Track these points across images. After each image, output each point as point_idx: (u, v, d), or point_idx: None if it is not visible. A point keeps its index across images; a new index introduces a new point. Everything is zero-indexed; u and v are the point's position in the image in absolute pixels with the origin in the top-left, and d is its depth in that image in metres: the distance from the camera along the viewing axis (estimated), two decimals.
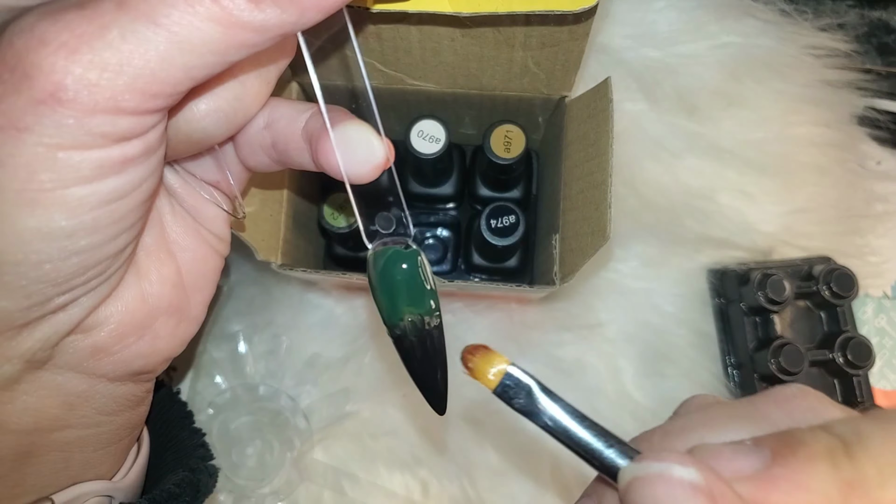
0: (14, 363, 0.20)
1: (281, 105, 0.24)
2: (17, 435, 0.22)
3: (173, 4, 0.17)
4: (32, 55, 0.16)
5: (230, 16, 0.17)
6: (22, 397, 0.22)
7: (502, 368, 0.21)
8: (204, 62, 0.18)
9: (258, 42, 0.18)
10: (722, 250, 0.48)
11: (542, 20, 0.30)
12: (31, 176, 0.17)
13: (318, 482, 0.43)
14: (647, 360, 0.46)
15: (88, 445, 0.25)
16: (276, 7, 0.18)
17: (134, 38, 0.17)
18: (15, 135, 0.17)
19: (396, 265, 0.24)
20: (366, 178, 0.23)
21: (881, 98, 0.50)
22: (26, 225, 0.18)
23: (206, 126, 0.22)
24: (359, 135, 0.22)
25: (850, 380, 0.45)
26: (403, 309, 0.24)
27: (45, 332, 0.20)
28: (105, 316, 0.22)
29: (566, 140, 0.36)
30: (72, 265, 0.19)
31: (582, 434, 0.20)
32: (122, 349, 0.23)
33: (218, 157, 0.25)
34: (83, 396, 0.23)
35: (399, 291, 0.24)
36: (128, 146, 0.18)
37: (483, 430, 0.44)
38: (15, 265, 0.18)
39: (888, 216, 0.50)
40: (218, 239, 0.26)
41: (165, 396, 0.34)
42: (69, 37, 0.16)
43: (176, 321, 0.25)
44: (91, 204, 0.18)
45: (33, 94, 0.16)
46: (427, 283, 0.24)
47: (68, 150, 0.17)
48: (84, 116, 0.17)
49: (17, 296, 0.19)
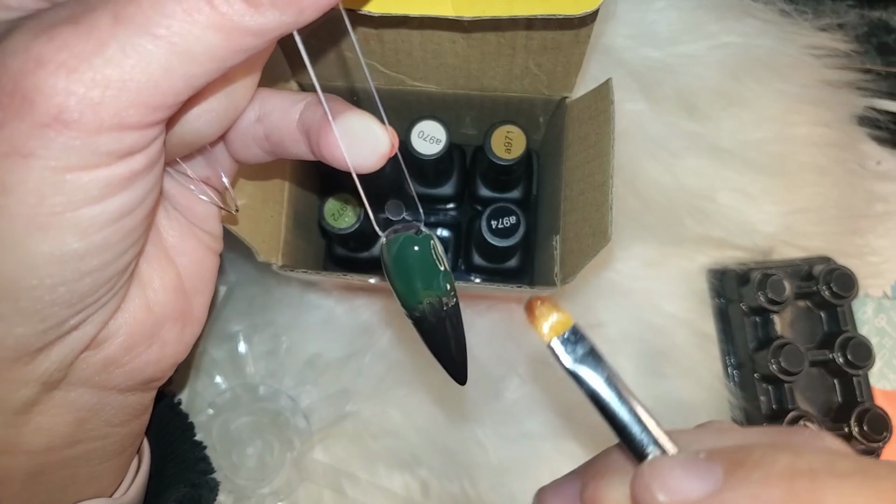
0: (31, 387, 0.20)
1: (272, 97, 0.24)
2: (30, 455, 0.22)
3: (171, 15, 0.16)
4: (31, 78, 0.16)
5: (230, 22, 0.17)
6: (36, 418, 0.21)
7: (565, 322, 0.21)
8: (204, 70, 0.17)
9: (257, 45, 0.18)
10: (722, 250, 0.48)
11: (544, 24, 0.30)
12: (40, 201, 0.17)
13: (319, 482, 0.43)
14: (647, 360, 0.46)
15: (94, 458, 0.25)
16: (275, 9, 0.17)
17: (134, 53, 0.16)
18: (20, 161, 0.16)
19: (410, 250, 0.25)
20: (372, 167, 0.23)
21: (881, 98, 0.50)
22: (39, 250, 0.17)
23: (199, 127, 0.21)
24: (362, 124, 0.22)
25: (850, 380, 0.45)
26: (421, 292, 0.25)
27: (60, 353, 0.20)
28: (114, 329, 0.22)
29: (567, 141, 0.36)
30: (85, 285, 0.19)
31: (622, 408, 0.21)
32: (132, 359, 0.23)
33: (207, 154, 0.25)
34: (94, 410, 0.23)
35: (415, 275, 0.25)
36: (132, 161, 0.18)
37: (483, 429, 0.44)
38: (30, 290, 0.18)
39: (888, 216, 0.50)
40: (212, 237, 0.26)
41: (166, 408, 0.34)
42: (67, 55, 0.16)
43: (181, 325, 0.24)
44: (101, 223, 0.18)
45: (36, 118, 0.16)
46: (441, 265, 0.25)
47: (76, 172, 0.17)
48: (89, 136, 0.16)
49: (32, 320, 0.18)
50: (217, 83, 0.21)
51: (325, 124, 0.22)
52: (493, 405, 0.44)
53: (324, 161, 0.23)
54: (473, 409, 0.44)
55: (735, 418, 0.45)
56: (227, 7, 0.17)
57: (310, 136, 0.23)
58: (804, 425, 0.42)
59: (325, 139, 0.22)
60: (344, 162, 0.22)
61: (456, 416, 0.44)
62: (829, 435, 0.21)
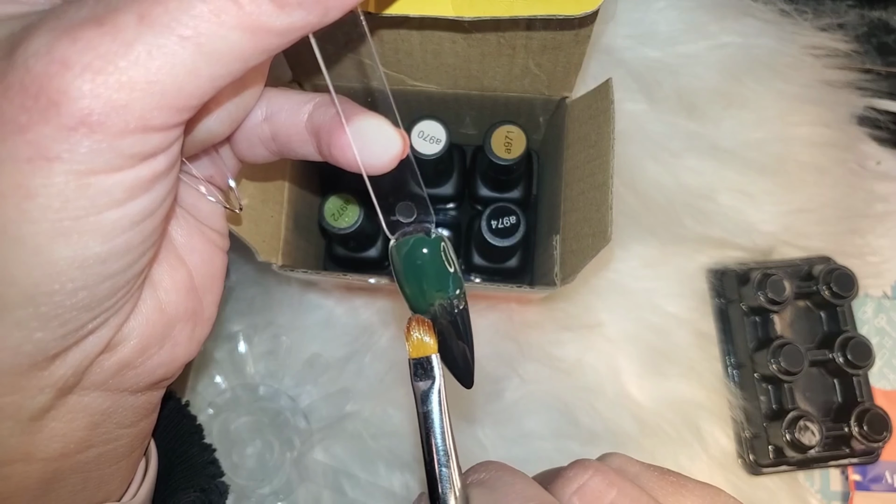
0: (46, 393, 0.20)
1: (279, 96, 0.24)
2: (45, 462, 0.22)
3: (199, 15, 0.16)
4: (57, 80, 0.16)
5: (256, 22, 0.17)
6: (51, 424, 0.21)
7: (429, 349, 0.24)
8: (229, 70, 0.17)
9: (281, 45, 0.18)
10: (722, 250, 0.48)
11: (544, 24, 0.30)
12: (64, 205, 0.17)
13: (318, 482, 0.43)
14: (647, 359, 0.46)
15: (105, 462, 0.24)
16: (302, 9, 0.17)
17: (160, 54, 0.16)
18: (45, 165, 0.16)
19: (420, 252, 0.24)
20: (384, 168, 0.23)
21: (881, 98, 0.50)
22: (62, 255, 0.17)
23: (211, 126, 0.21)
24: (374, 126, 0.22)
25: (849, 379, 0.45)
26: (433, 294, 0.25)
27: (76, 357, 0.20)
28: (128, 331, 0.21)
29: (567, 141, 0.36)
30: (105, 289, 0.19)
31: (438, 443, 0.22)
32: (145, 361, 0.22)
33: (211, 152, 0.25)
34: (107, 413, 0.23)
35: (426, 278, 0.25)
36: (155, 162, 0.18)
37: (483, 429, 0.44)
38: (50, 295, 0.18)
39: (888, 216, 0.50)
40: (219, 235, 0.26)
41: (174, 410, 0.34)
42: (92, 57, 0.16)
43: (192, 325, 0.24)
44: (124, 226, 0.18)
45: (62, 121, 0.16)
46: (450, 267, 0.25)
47: (100, 175, 0.17)
48: (115, 139, 0.16)
49: (52, 325, 0.18)
50: (233, 83, 0.21)
51: (336, 125, 0.22)
52: (493, 405, 0.44)
53: (334, 162, 0.23)
54: (473, 409, 0.44)
55: (735, 418, 0.45)
56: (255, 7, 0.16)
57: (320, 137, 0.23)
58: (804, 424, 0.42)
59: (336, 140, 0.22)
60: (355, 163, 0.22)
61: (456, 416, 0.44)
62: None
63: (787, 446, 0.43)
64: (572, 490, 0.20)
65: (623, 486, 0.20)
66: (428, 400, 0.23)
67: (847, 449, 0.44)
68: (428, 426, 0.22)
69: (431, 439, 0.22)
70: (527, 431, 0.44)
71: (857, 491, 0.45)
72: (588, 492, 0.20)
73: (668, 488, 0.21)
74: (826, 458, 0.44)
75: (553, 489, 0.21)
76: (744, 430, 0.45)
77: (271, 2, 0.17)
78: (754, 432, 0.45)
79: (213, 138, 0.22)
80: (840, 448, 0.44)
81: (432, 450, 0.22)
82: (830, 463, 0.45)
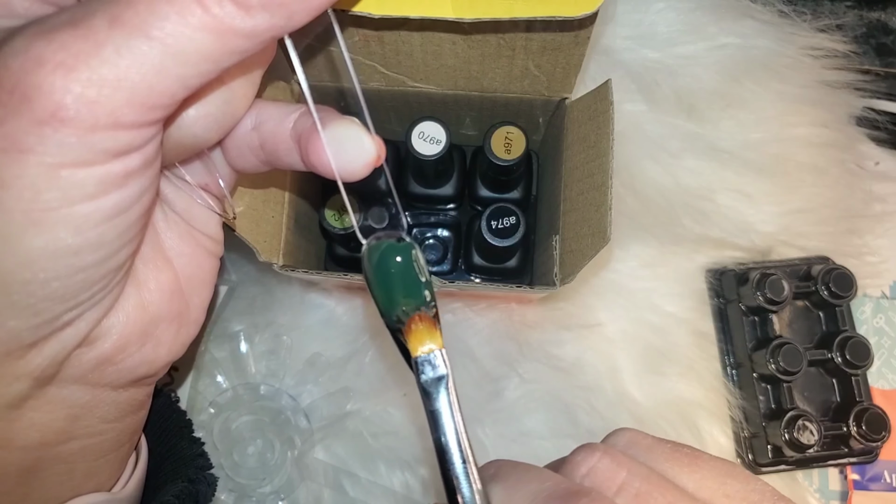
0: (23, 381, 0.20)
1: (268, 107, 0.24)
2: (24, 451, 0.22)
3: (166, 17, 0.17)
4: (31, 76, 0.16)
5: (221, 24, 0.17)
6: (29, 414, 0.22)
7: (433, 347, 0.23)
8: (198, 71, 0.18)
9: (249, 47, 0.18)
10: (721, 250, 0.48)
11: (544, 25, 0.30)
12: (36, 196, 0.17)
13: (319, 481, 0.43)
14: (646, 359, 0.46)
15: (91, 454, 0.25)
16: (266, 12, 0.18)
17: (129, 53, 0.17)
18: (18, 156, 0.17)
19: (391, 258, 0.24)
20: (357, 175, 0.23)
21: (879, 99, 0.50)
22: (33, 245, 0.18)
23: (197, 131, 0.22)
24: (349, 132, 0.22)
25: (848, 379, 0.45)
26: (400, 301, 0.24)
27: (53, 348, 0.20)
28: (108, 327, 0.22)
29: (566, 141, 0.36)
30: (78, 281, 0.19)
31: (455, 441, 0.21)
32: (126, 358, 0.23)
33: (205, 160, 0.25)
34: (87, 407, 0.23)
35: (395, 284, 0.24)
36: (128, 160, 0.18)
37: (483, 429, 0.44)
38: (23, 284, 0.18)
39: (886, 216, 0.50)
40: (212, 240, 0.27)
41: (164, 405, 0.34)
42: (65, 56, 0.16)
43: (177, 326, 0.25)
44: (96, 220, 0.18)
45: (34, 115, 0.16)
46: (422, 275, 0.24)
47: (71, 168, 0.17)
48: (85, 134, 0.17)
49: (26, 314, 0.19)
50: (214, 87, 0.21)
51: (313, 132, 0.22)
52: (493, 405, 0.45)
53: (312, 169, 0.23)
54: (473, 409, 0.44)
55: (734, 417, 0.46)
56: (219, 9, 0.17)
57: (300, 143, 0.23)
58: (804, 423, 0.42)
59: (312, 146, 0.22)
60: (330, 169, 0.23)
61: None
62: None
63: (785, 446, 0.43)
64: (582, 473, 0.20)
65: (632, 466, 0.20)
66: (438, 397, 0.22)
67: (846, 448, 0.44)
68: (442, 424, 0.22)
69: (449, 438, 0.21)
70: (526, 430, 0.44)
71: (856, 490, 0.45)
72: (598, 474, 0.20)
73: (683, 460, 0.21)
74: (825, 458, 0.44)
75: (562, 474, 0.21)
76: (742, 429, 0.45)
77: (235, 5, 0.17)
78: (753, 432, 0.45)
79: (200, 144, 0.23)
80: (839, 447, 0.44)
81: (450, 449, 0.21)
82: (829, 462, 0.45)
